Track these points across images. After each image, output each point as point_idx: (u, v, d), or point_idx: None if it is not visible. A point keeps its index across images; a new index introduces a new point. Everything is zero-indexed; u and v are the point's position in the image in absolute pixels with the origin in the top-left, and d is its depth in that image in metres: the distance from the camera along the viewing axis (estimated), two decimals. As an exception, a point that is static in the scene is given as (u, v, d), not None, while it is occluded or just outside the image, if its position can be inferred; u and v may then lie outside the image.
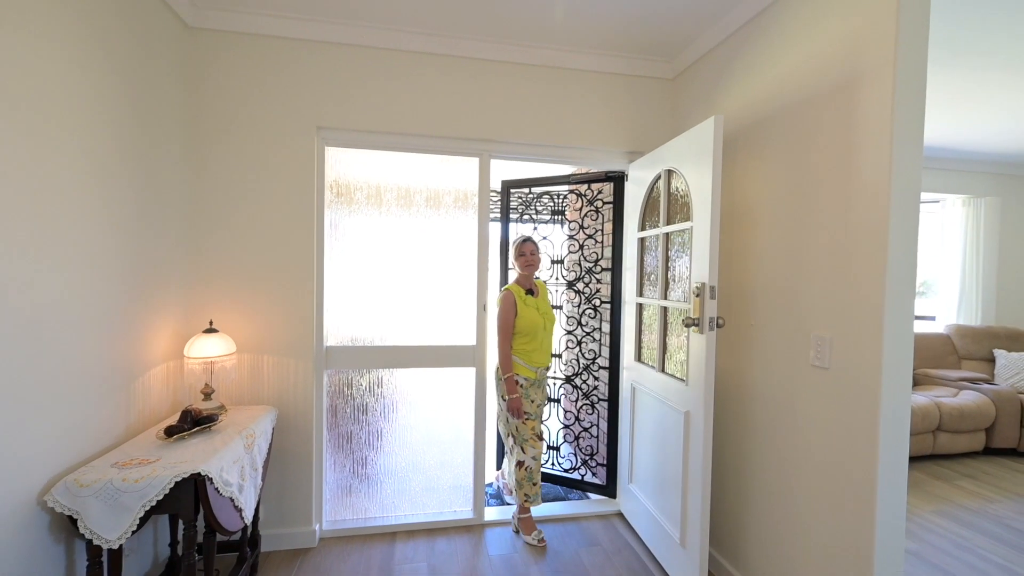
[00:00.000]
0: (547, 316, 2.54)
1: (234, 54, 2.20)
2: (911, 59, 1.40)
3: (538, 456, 2.46)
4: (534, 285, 2.58)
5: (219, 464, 1.56)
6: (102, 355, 1.62)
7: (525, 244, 2.54)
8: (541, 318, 2.49)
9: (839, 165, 1.58)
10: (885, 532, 1.44)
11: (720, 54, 2.22)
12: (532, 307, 2.49)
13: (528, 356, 2.48)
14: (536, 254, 2.55)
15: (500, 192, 3.17)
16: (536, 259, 2.55)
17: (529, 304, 2.48)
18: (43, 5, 1.35)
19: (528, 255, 2.52)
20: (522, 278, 2.56)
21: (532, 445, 2.44)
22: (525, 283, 2.55)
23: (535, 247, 2.56)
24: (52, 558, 1.42)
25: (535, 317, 2.47)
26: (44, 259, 1.37)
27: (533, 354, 2.48)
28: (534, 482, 2.46)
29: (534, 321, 2.46)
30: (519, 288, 2.51)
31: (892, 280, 1.42)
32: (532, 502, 2.46)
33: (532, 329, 2.46)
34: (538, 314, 2.49)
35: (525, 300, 2.48)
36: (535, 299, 2.52)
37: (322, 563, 2.21)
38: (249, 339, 2.22)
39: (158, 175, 1.94)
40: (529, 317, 2.46)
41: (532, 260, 2.53)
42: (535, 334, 2.48)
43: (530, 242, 2.56)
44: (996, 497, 3.03)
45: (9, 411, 1.26)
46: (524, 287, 2.53)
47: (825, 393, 1.62)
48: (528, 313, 2.46)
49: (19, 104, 1.28)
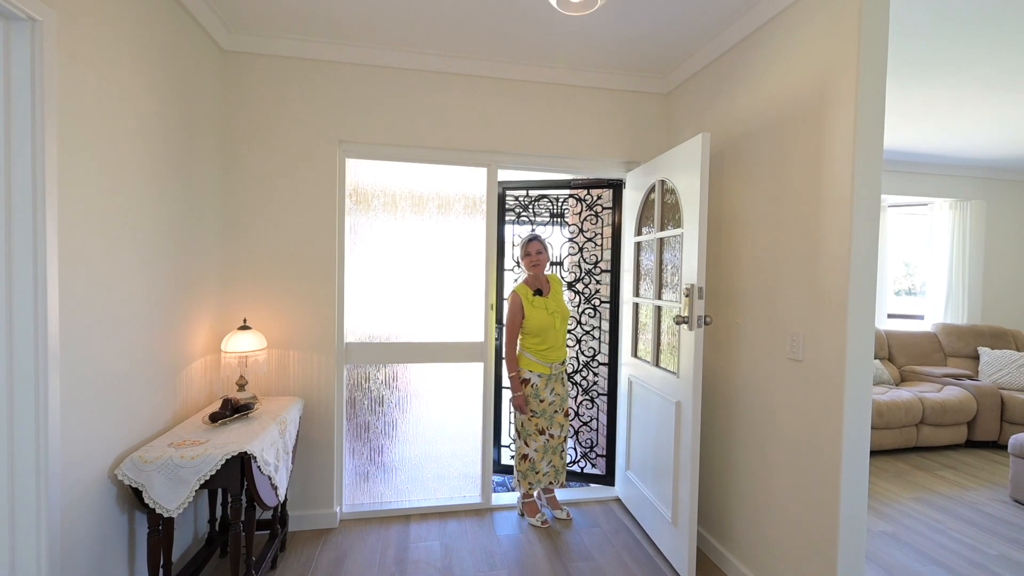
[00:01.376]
0: (558, 313, 2.55)
1: (264, 74, 2.40)
2: (870, 89, 1.59)
3: (539, 448, 2.58)
4: (544, 283, 2.59)
5: (260, 445, 1.76)
6: (156, 348, 1.83)
7: (531, 243, 2.55)
8: (550, 317, 2.51)
9: (810, 179, 1.78)
10: (848, 503, 1.63)
11: (709, 74, 2.41)
12: (540, 307, 2.51)
13: (542, 354, 2.54)
14: (543, 253, 2.55)
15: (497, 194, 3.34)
16: (543, 258, 2.56)
17: (536, 305, 2.51)
18: (109, 42, 1.54)
19: (534, 255, 2.53)
20: (530, 278, 2.59)
21: (533, 440, 2.58)
22: (533, 283, 2.57)
23: (541, 246, 2.55)
24: (118, 526, 1.62)
25: (543, 317, 2.50)
26: (116, 264, 1.58)
27: (546, 352, 2.54)
28: (537, 471, 2.59)
29: (542, 321, 2.50)
30: (526, 289, 2.55)
31: (855, 282, 1.62)
32: (531, 488, 2.60)
33: (541, 329, 2.51)
34: (547, 313, 2.51)
35: (532, 301, 2.52)
36: (543, 299, 2.54)
37: (343, 541, 2.41)
38: (278, 335, 2.42)
39: (199, 187, 2.14)
40: (537, 318, 2.50)
41: (538, 260, 2.53)
42: (545, 333, 2.52)
43: (536, 241, 2.55)
44: (973, 486, 3.22)
45: (88, 396, 1.46)
46: (532, 287, 2.56)
47: (799, 383, 1.82)
48: (536, 314, 2.50)
49: (98, 131, 1.47)
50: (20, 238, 1.22)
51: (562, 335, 2.61)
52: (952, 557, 2.37)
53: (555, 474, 2.66)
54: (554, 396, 2.60)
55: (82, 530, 1.46)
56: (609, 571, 2.20)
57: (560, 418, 2.63)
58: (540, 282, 2.59)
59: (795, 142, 1.86)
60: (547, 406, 2.59)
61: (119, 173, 1.59)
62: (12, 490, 1.24)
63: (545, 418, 2.59)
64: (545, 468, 2.62)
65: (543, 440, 2.59)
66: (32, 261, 1.23)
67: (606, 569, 2.22)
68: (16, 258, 1.22)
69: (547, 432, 2.60)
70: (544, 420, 2.59)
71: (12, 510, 1.24)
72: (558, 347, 2.58)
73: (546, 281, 2.62)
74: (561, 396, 2.63)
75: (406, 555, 2.30)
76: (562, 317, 2.58)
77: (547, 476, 2.63)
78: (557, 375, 2.61)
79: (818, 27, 1.74)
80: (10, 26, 1.20)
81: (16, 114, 1.21)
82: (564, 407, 2.65)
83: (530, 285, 2.58)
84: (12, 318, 1.23)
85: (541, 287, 2.58)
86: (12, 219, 1.21)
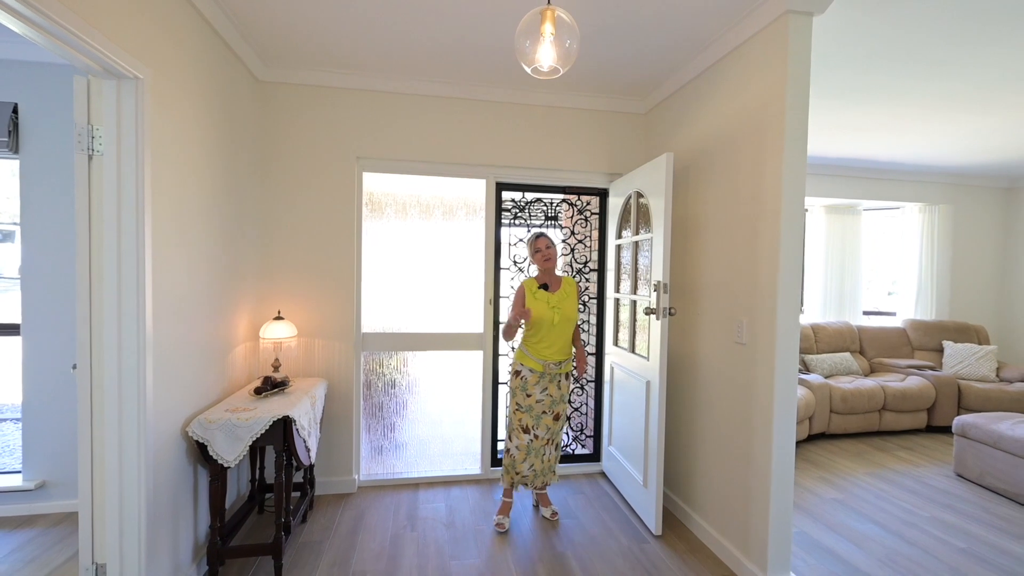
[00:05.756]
0: (560, 312, 2.49)
1: (292, 99, 2.78)
2: (795, 119, 1.95)
3: (522, 447, 2.54)
4: (553, 280, 2.57)
5: (298, 412, 2.15)
6: (211, 335, 2.21)
7: (539, 239, 2.54)
8: (550, 312, 2.47)
9: (752, 191, 2.14)
10: (779, 462, 2.00)
11: (678, 98, 2.78)
12: (542, 301, 2.49)
13: (536, 349, 2.51)
14: (552, 248, 2.53)
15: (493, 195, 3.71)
16: (552, 253, 2.53)
17: (539, 298, 2.50)
18: (180, 86, 1.92)
19: (544, 250, 2.53)
20: (541, 273, 2.59)
21: (516, 436, 2.55)
22: (542, 278, 2.57)
23: (549, 241, 2.54)
24: (187, 474, 2.01)
25: (543, 311, 2.47)
26: (185, 270, 1.96)
27: (541, 348, 2.50)
28: (517, 471, 2.56)
29: (541, 315, 2.47)
30: (533, 282, 2.55)
31: (783, 277, 1.98)
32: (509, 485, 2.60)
33: (537, 323, 2.48)
34: (547, 307, 2.48)
35: (535, 294, 2.51)
36: (548, 293, 2.51)
37: (361, 503, 2.79)
38: (305, 325, 2.81)
39: (241, 199, 2.52)
40: (536, 311, 2.47)
41: (549, 255, 2.52)
42: (539, 328, 2.49)
43: (543, 237, 2.54)
44: (924, 463, 3.58)
45: (169, 370, 1.84)
46: (540, 281, 2.56)
47: (743, 362, 2.19)
48: (535, 306, 2.48)
49: (174, 159, 1.85)
50: (127, 245, 1.60)
51: (562, 335, 2.52)
52: (888, 518, 2.73)
53: (534, 477, 2.60)
54: (544, 396, 2.54)
55: (164, 472, 1.84)
56: (589, 526, 2.58)
57: (548, 420, 2.55)
58: (549, 278, 2.58)
59: (742, 159, 2.22)
60: (535, 404, 2.52)
61: (186, 193, 1.97)
62: (121, 436, 1.63)
63: (532, 416, 2.53)
64: (526, 470, 2.56)
65: (527, 439, 2.54)
66: (135, 270, 1.61)
67: (587, 524, 2.59)
68: (124, 267, 1.60)
69: (532, 432, 2.54)
70: (530, 418, 2.53)
71: (121, 451, 1.63)
72: (555, 346, 2.51)
73: (556, 279, 2.60)
74: (553, 398, 2.55)
75: (416, 513, 2.69)
76: (564, 317, 2.51)
77: (527, 478, 2.60)
78: (552, 376, 2.55)
79: (757, 67, 2.10)
80: (121, 83, 1.58)
81: (125, 151, 1.59)
82: (556, 410, 2.57)
83: (538, 280, 2.57)
84: (121, 313, 1.61)
85: (549, 282, 2.56)
86: (122, 235, 1.60)
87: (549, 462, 2.63)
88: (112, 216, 1.58)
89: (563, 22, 1.35)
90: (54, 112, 2.51)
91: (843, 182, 4.99)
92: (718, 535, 2.33)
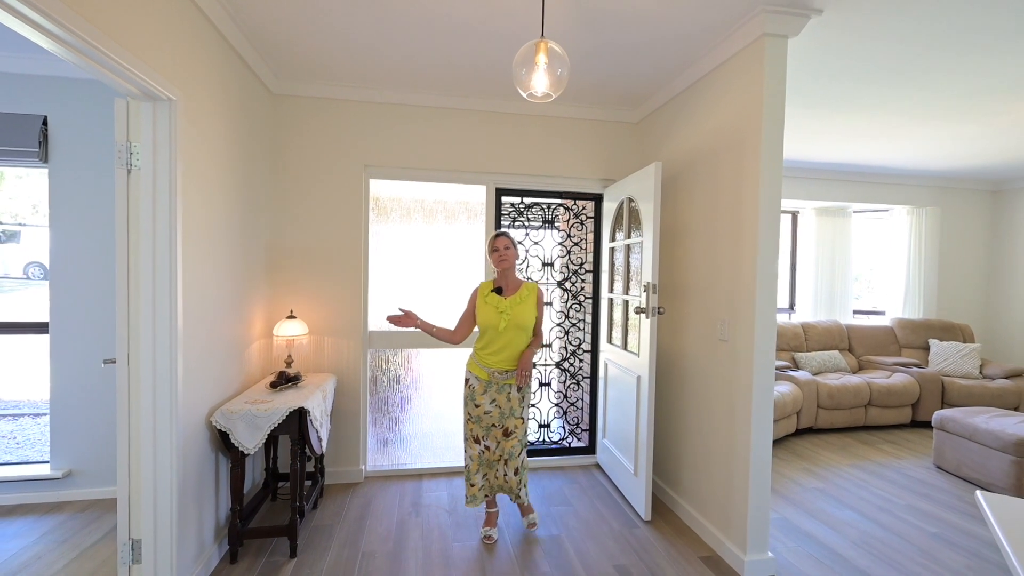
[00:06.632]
0: (507, 316, 2.31)
1: (304, 111, 2.95)
2: (771, 130, 2.11)
3: (474, 457, 2.40)
4: (509, 284, 2.40)
5: (311, 404, 2.31)
6: (231, 333, 2.38)
7: (497, 239, 2.38)
8: (497, 316, 2.31)
9: (733, 198, 2.31)
10: (757, 449, 2.16)
11: (667, 110, 2.95)
12: (491, 305, 2.34)
13: (480, 355, 2.39)
14: (511, 249, 2.36)
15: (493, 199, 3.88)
16: (510, 255, 2.36)
17: (489, 302, 2.35)
18: (206, 104, 2.08)
19: (501, 250, 2.36)
20: (498, 275, 2.43)
21: (469, 446, 2.43)
22: (498, 281, 2.43)
23: (509, 242, 2.37)
24: (210, 461, 2.18)
25: (490, 316, 2.32)
26: (210, 275, 2.12)
27: (486, 355, 2.36)
28: (472, 483, 2.43)
29: (487, 320, 2.33)
30: (488, 284, 2.43)
31: (760, 279, 2.14)
32: (469, 502, 2.43)
33: (485, 327, 2.35)
34: (495, 312, 2.32)
35: (486, 297, 2.37)
36: (499, 298, 2.35)
37: (369, 491, 2.96)
38: (316, 323, 2.98)
39: (257, 206, 2.69)
40: (484, 315, 2.34)
41: (505, 255, 2.35)
42: (485, 333, 2.36)
43: (503, 236, 2.37)
44: (905, 456, 3.74)
45: (195, 364, 2.01)
46: (497, 283, 2.42)
47: (725, 358, 2.35)
48: (484, 311, 2.34)
49: (201, 172, 2.02)
50: (161, 251, 1.77)
51: (510, 343, 2.33)
52: (866, 505, 2.89)
53: (489, 488, 2.46)
54: (493, 407, 2.37)
55: (191, 459, 2.00)
56: (583, 512, 2.74)
57: (497, 434, 2.38)
58: (506, 281, 2.41)
59: (723, 169, 2.39)
60: (483, 415, 2.38)
61: (211, 202, 2.14)
62: (155, 425, 1.79)
63: (481, 427, 2.40)
64: (480, 481, 2.43)
65: (478, 450, 2.41)
66: (168, 274, 1.78)
67: (580, 511, 2.76)
68: (158, 271, 1.77)
69: (482, 443, 2.41)
70: (480, 429, 2.40)
71: (155, 438, 1.79)
72: (502, 354, 2.34)
73: (515, 283, 2.42)
74: (502, 411, 2.37)
75: (420, 500, 2.86)
76: (513, 324, 2.31)
77: (483, 491, 2.44)
78: (500, 386, 2.38)
79: (736, 84, 2.27)
80: (156, 105, 1.74)
81: (159, 165, 1.75)
82: (505, 424, 2.38)
83: (496, 282, 2.43)
84: (156, 313, 1.78)
85: (503, 286, 2.40)
86: (156, 242, 1.76)
87: (508, 482, 2.43)
88: (148, 225, 1.75)
89: (555, 53, 1.51)
90: (81, 124, 2.68)
91: (834, 185, 5.15)
92: (703, 519, 2.49)
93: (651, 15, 2.12)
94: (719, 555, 2.33)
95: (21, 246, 6.35)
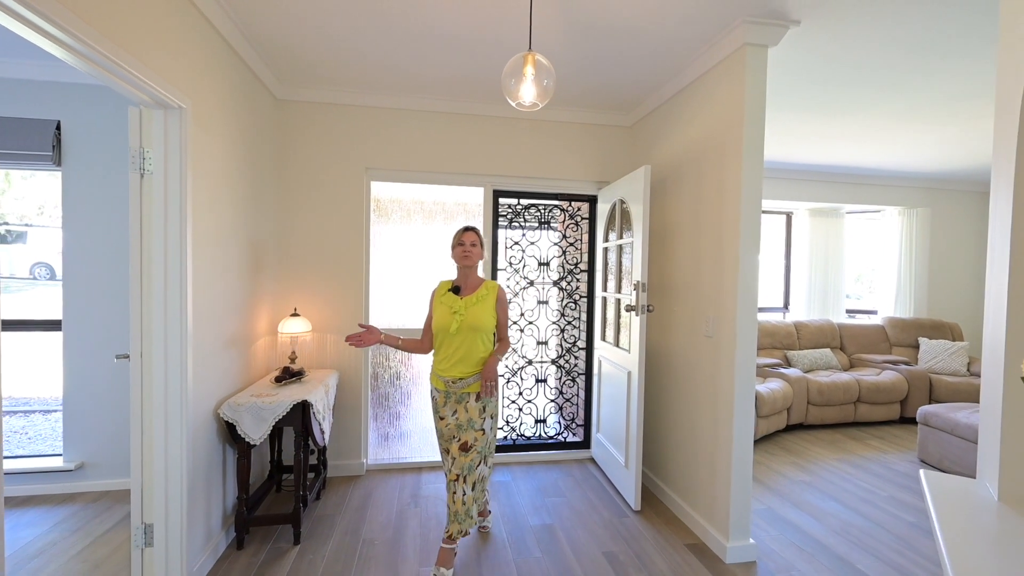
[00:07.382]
0: (461, 320, 2.08)
1: (307, 116, 3.06)
2: (752, 135, 2.21)
3: (452, 469, 2.11)
4: (469, 283, 2.19)
5: (314, 398, 2.42)
6: (237, 330, 2.49)
7: (465, 233, 2.17)
8: (449, 317, 2.09)
9: (716, 201, 2.41)
10: (739, 438, 2.26)
11: (657, 115, 3.05)
12: (445, 305, 2.13)
13: (436, 363, 2.17)
14: (477, 246, 2.17)
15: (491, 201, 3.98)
16: (475, 252, 2.16)
17: (444, 302, 2.14)
18: (214, 110, 2.19)
19: (467, 245, 2.15)
20: (459, 273, 2.22)
21: (445, 459, 2.19)
22: (458, 279, 2.22)
23: (476, 237, 2.17)
24: (217, 452, 2.29)
25: (443, 317, 2.10)
26: (219, 274, 2.23)
27: (440, 362, 2.14)
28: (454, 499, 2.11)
29: (440, 321, 2.11)
30: (447, 283, 2.24)
31: (742, 278, 2.24)
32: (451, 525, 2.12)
33: (437, 330, 2.13)
34: (448, 313, 2.10)
35: (442, 297, 2.17)
36: (455, 297, 2.14)
37: (369, 483, 3.06)
38: (319, 320, 3.08)
39: (262, 207, 2.80)
40: (437, 316, 2.13)
41: (470, 252, 2.14)
42: (438, 336, 2.14)
43: (471, 231, 2.17)
44: (891, 451, 3.83)
45: (203, 360, 2.11)
46: (455, 282, 2.22)
47: (711, 352, 2.45)
48: (438, 312, 2.13)
49: (209, 175, 2.12)
50: (172, 252, 1.87)
51: (463, 347, 2.10)
52: (849, 497, 2.99)
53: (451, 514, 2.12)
54: (454, 419, 2.13)
55: (200, 449, 2.11)
56: (576, 502, 2.85)
57: (454, 448, 2.10)
58: (466, 279, 2.20)
59: (707, 172, 2.48)
60: (444, 428, 2.17)
61: (219, 204, 2.24)
62: (166, 415, 1.90)
63: (443, 440, 2.20)
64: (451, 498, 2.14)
65: (449, 462, 2.16)
66: (179, 273, 1.89)
67: (573, 501, 2.86)
68: (170, 271, 1.88)
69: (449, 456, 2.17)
70: (443, 442, 2.20)
71: (167, 429, 1.90)
72: (454, 359, 2.11)
73: (475, 282, 2.20)
74: (460, 423, 2.11)
75: (419, 492, 2.96)
76: (467, 325, 2.08)
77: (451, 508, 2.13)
78: (458, 396, 2.14)
79: (719, 92, 2.37)
80: (168, 112, 1.85)
81: (171, 170, 1.86)
82: (462, 437, 2.10)
83: (455, 280, 2.24)
84: (167, 311, 1.88)
85: (461, 284, 2.20)
86: (168, 243, 1.87)
87: (464, 504, 2.10)
88: (159, 227, 1.85)
89: (542, 64, 1.61)
90: (93, 129, 2.78)
91: (826, 187, 5.24)
92: (689, 508, 2.59)
93: (638, 26, 2.22)
94: (704, 542, 2.43)
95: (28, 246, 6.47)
